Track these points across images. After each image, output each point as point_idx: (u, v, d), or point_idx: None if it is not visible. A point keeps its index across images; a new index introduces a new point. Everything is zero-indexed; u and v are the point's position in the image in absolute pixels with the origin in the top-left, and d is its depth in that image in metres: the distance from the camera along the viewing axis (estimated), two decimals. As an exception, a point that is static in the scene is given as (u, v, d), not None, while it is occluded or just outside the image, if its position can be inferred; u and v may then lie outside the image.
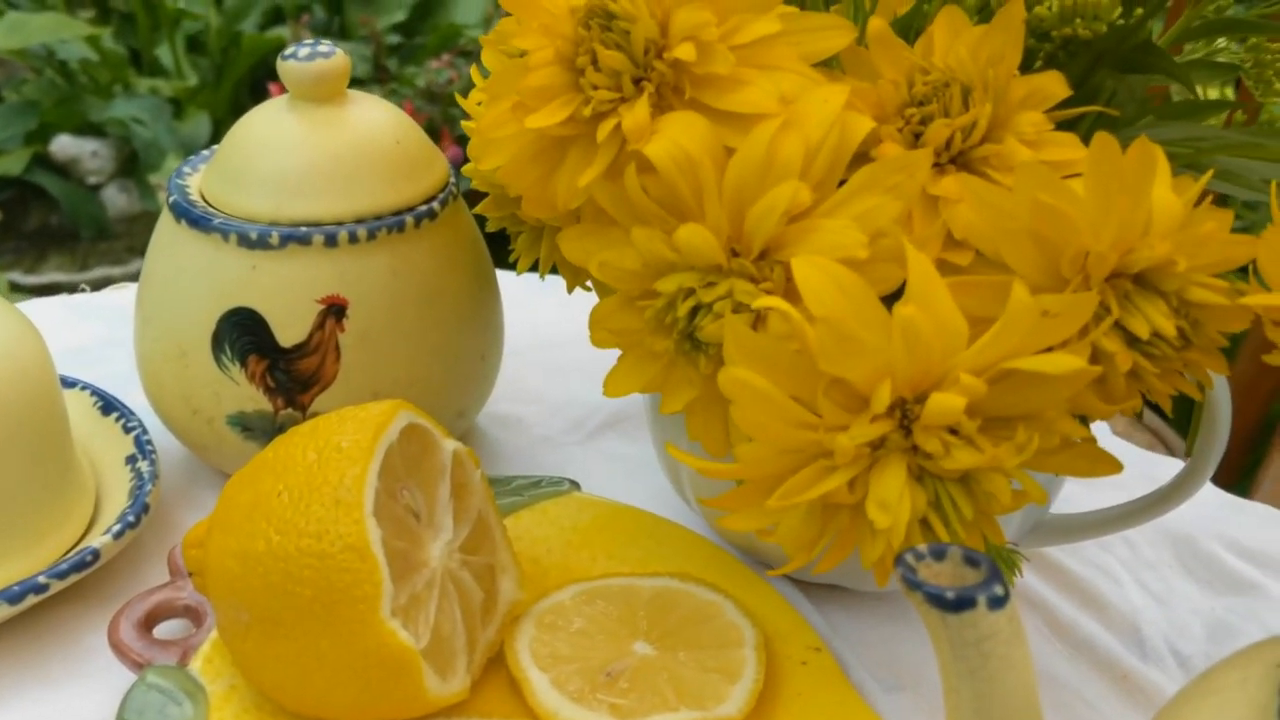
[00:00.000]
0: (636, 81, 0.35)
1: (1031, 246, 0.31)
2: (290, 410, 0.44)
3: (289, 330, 0.43)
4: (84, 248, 2.04)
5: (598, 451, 0.53)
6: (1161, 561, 0.47)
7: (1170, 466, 0.54)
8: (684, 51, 0.34)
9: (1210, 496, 0.51)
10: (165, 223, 0.45)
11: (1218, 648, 0.43)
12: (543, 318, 0.58)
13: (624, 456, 0.52)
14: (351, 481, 0.33)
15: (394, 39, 2.09)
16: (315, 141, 0.43)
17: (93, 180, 2.07)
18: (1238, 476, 0.98)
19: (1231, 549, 0.48)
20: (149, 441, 0.47)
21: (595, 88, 0.35)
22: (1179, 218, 0.32)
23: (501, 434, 0.53)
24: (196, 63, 2.19)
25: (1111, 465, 0.33)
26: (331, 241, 0.42)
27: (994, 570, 0.27)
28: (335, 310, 0.43)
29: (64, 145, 2.06)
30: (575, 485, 0.46)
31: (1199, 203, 0.32)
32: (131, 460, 0.46)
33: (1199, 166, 0.35)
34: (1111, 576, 0.46)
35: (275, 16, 2.22)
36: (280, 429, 0.44)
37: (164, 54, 2.18)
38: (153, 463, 0.46)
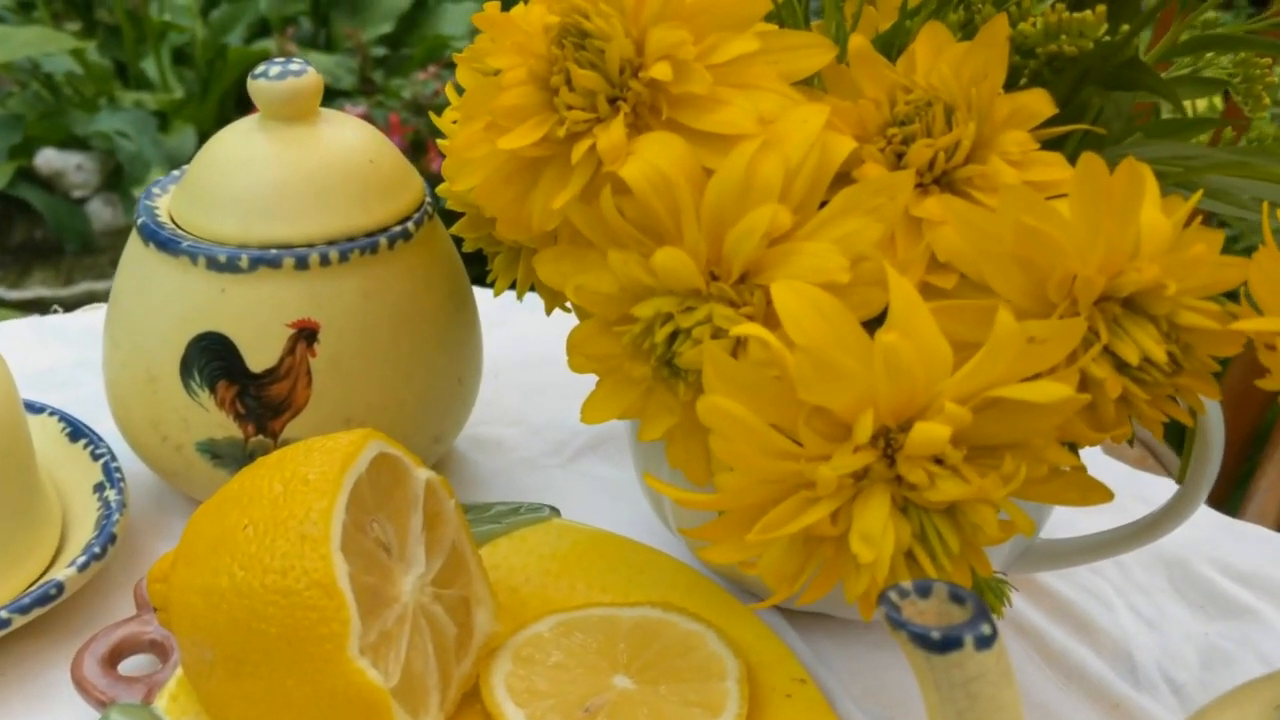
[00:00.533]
0: (612, 101, 0.34)
1: (1017, 270, 0.30)
2: (261, 437, 0.43)
3: (259, 355, 0.42)
4: (68, 262, 2.02)
5: (580, 475, 0.52)
6: (1154, 585, 0.46)
7: (1162, 486, 0.53)
8: (660, 71, 0.33)
9: (1203, 518, 0.50)
10: (134, 244, 0.44)
11: (1212, 675, 0.42)
12: (523, 336, 0.57)
13: (606, 479, 0.51)
14: (318, 515, 0.32)
15: (380, 51, 2.08)
16: (286, 161, 0.42)
17: (77, 194, 2.06)
18: (1231, 486, 0.98)
19: (1225, 572, 0.47)
20: (118, 469, 0.46)
21: (570, 108, 0.34)
22: (1168, 239, 0.31)
23: (481, 457, 0.52)
24: (182, 75, 2.18)
25: (1102, 494, 0.32)
26: (302, 264, 0.41)
27: (980, 608, 0.26)
28: (306, 334, 0.41)
29: (49, 159, 2.05)
30: (555, 511, 0.44)
31: (1189, 223, 0.32)
32: (99, 489, 0.45)
33: (1189, 185, 0.35)
34: (1103, 601, 0.45)
35: (261, 29, 2.22)
36: (251, 456, 0.43)
37: (149, 67, 2.17)
38: (121, 491, 0.45)
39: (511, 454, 0.52)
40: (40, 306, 1.90)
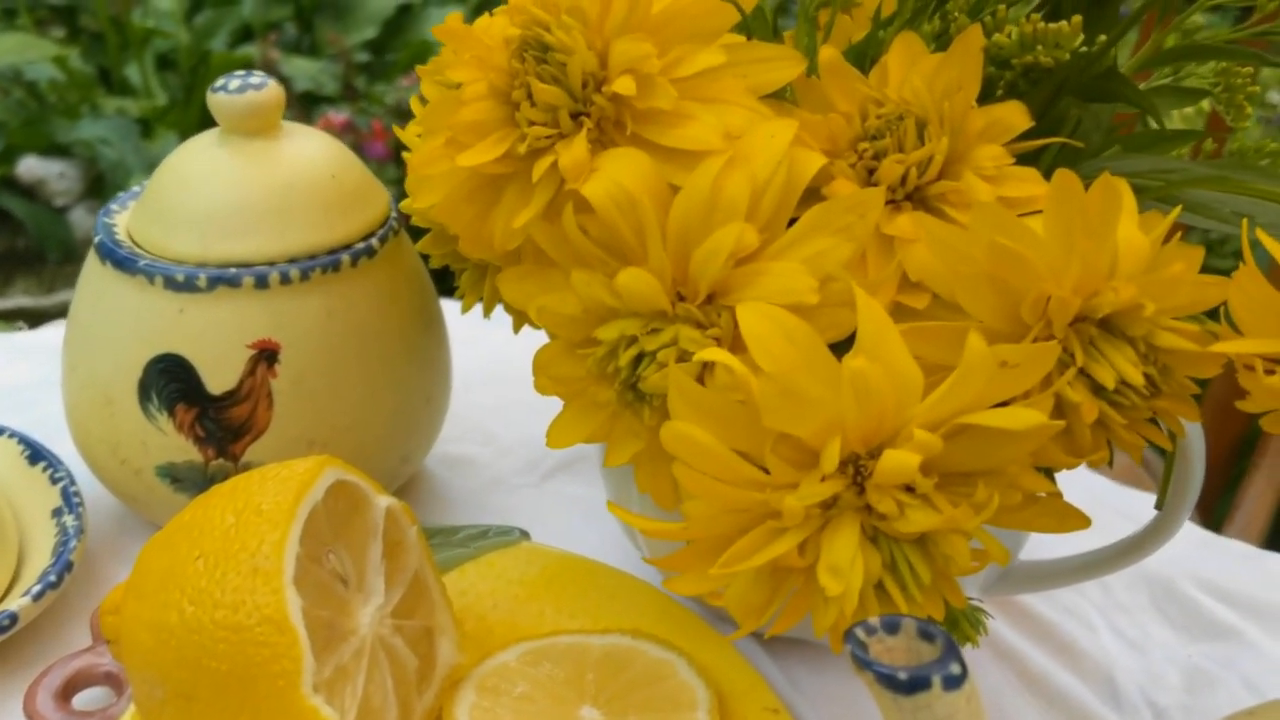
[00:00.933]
0: (575, 116, 0.33)
1: (990, 291, 0.29)
2: (222, 460, 0.42)
3: (218, 377, 0.40)
4: (50, 270, 2.01)
5: (552, 494, 0.51)
6: (1137, 606, 0.45)
7: (1148, 501, 0.52)
8: (623, 85, 0.32)
9: (1186, 534, 0.49)
10: (91, 263, 0.43)
11: (1194, 698, 0.41)
12: (494, 352, 0.55)
13: (579, 499, 0.50)
14: (270, 548, 0.31)
15: (364, 56, 2.07)
16: (246, 177, 0.41)
17: (59, 202, 2.04)
18: (1219, 493, 0.97)
19: (1209, 591, 0.46)
20: (76, 494, 0.45)
21: (531, 123, 0.33)
22: (1146, 258, 0.30)
23: (451, 476, 0.51)
24: (166, 81, 2.16)
25: (1079, 520, 0.31)
26: (262, 283, 0.40)
27: (950, 646, 0.25)
28: (267, 355, 0.40)
29: (30, 167, 2.03)
30: (525, 535, 0.43)
31: (1168, 239, 0.31)
32: (58, 513, 0.44)
33: (1169, 200, 0.34)
34: (1085, 622, 0.44)
35: (245, 34, 2.20)
36: (212, 480, 0.41)
37: (133, 73, 2.16)
38: (79, 517, 0.44)
39: (483, 473, 0.51)
40: (23, 315, 1.88)
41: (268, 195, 0.41)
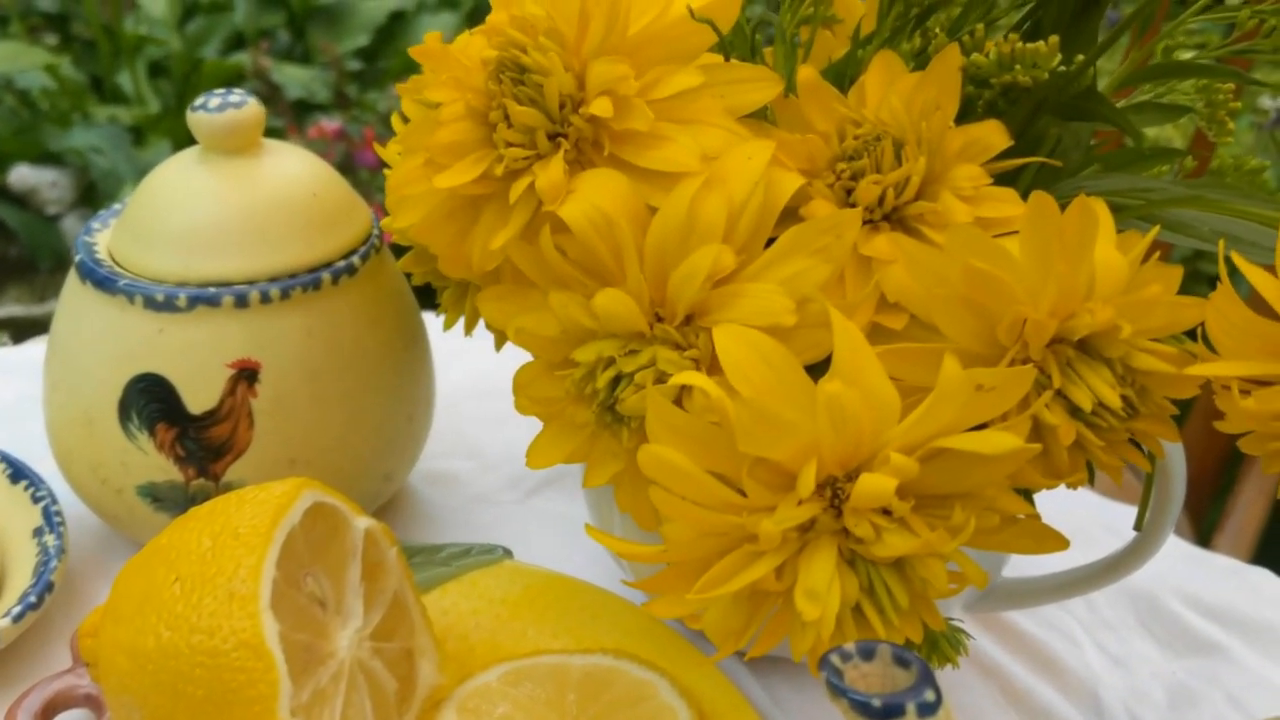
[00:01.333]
0: (553, 137, 0.33)
1: (966, 313, 0.29)
2: (203, 480, 0.41)
3: (198, 396, 0.40)
4: (43, 279, 2.00)
5: (537, 510, 0.50)
6: (1121, 622, 0.45)
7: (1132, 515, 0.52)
8: (600, 107, 0.32)
9: (1171, 549, 0.49)
10: (72, 282, 0.43)
11: (1178, 715, 0.41)
12: (482, 365, 0.55)
13: (564, 516, 0.50)
14: (247, 572, 0.31)
15: (356, 64, 2.07)
16: (225, 196, 0.41)
17: (52, 211, 2.04)
18: (1209, 502, 0.97)
19: (1193, 606, 0.46)
20: (58, 513, 0.44)
21: (508, 144, 0.33)
22: (1123, 279, 0.30)
23: (435, 493, 0.51)
24: (159, 88, 2.16)
25: (1058, 542, 0.31)
26: (242, 302, 0.40)
27: (925, 672, 0.25)
28: (247, 374, 0.40)
29: (22, 176, 2.03)
30: (507, 553, 0.43)
31: (1146, 258, 0.31)
32: (39, 533, 0.44)
33: (1149, 219, 0.34)
34: (1069, 638, 0.44)
35: (237, 42, 2.20)
36: (193, 500, 0.41)
37: (125, 80, 2.15)
38: (60, 536, 0.43)
39: (467, 489, 0.51)
40: (14, 325, 1.88)
41: (247, 214, 0.41)
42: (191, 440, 0.41)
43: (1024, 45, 0.34)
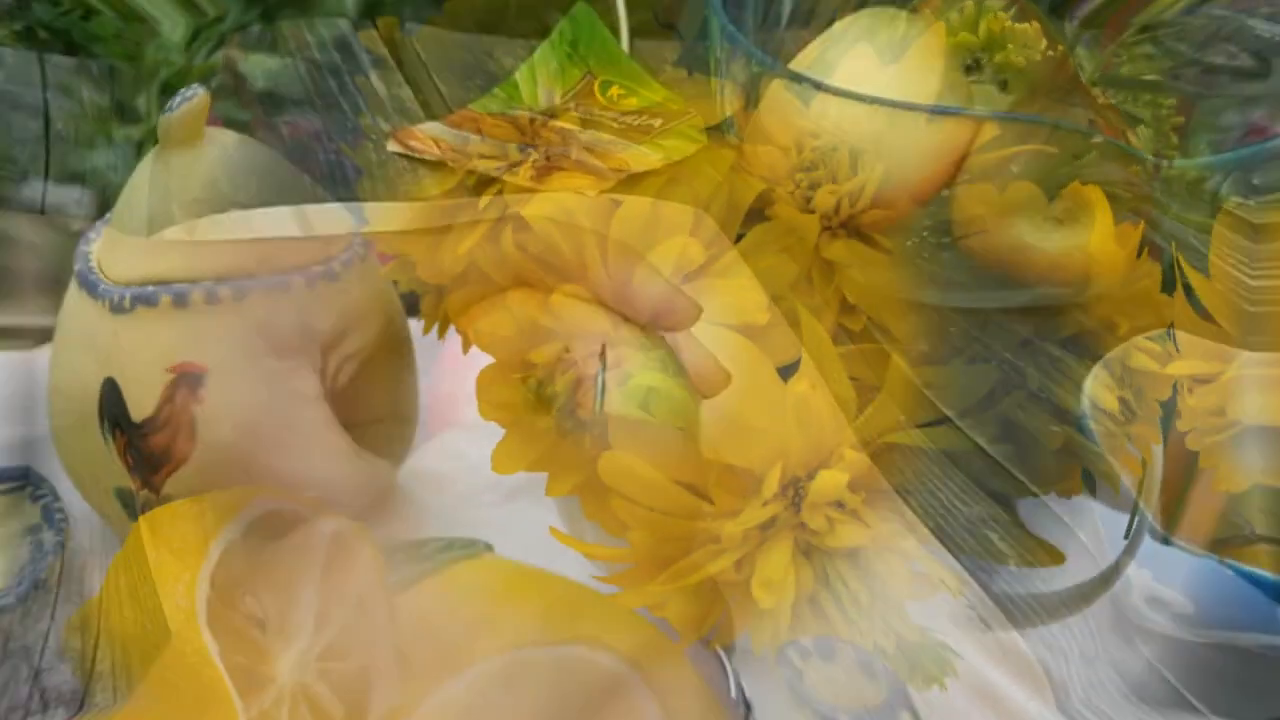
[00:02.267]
0: (523, 149, 0.33)
1: (916, 314, 0.29)
2: (146, 492, 0.40)
3: (141, 403, 0.39)
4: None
5: (522, 509, 0.51)
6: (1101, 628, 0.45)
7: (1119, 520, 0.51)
8: (568, 120, 0.32)
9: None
10: (72, 288, 0.44)
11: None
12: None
13: (550, 514, 0.50)
14: (183, 589, 0.31)
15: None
16: (170, 190, 0.40)
17: (76, 227, 2.05)
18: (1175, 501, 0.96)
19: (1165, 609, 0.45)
20: (60, 509, 0.44)
21: (481, 156, 0.33)
22: (1122, 272, 0.30)
23: (424, 493, 0.51)
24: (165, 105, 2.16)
25: (1053, 558, 0.31)
26: (181, 301, 0.38)
27: (897, 688, 0.25)
28: (189, 380, 0.39)
29: (49, 193, 2.04)
30: (488, 547, 0.44)
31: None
32: (35, 530, 0.44)
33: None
34: (1067, 658, 0.44)
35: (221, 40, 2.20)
36: (144, 510, 0.41)
37: (141, 102, 2.16)
38: (60, 533, 0.44)
39: (452, 488, 0.52)
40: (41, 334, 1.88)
41: (188, 208, 0.39)
42: (135, 449, 0.39)
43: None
